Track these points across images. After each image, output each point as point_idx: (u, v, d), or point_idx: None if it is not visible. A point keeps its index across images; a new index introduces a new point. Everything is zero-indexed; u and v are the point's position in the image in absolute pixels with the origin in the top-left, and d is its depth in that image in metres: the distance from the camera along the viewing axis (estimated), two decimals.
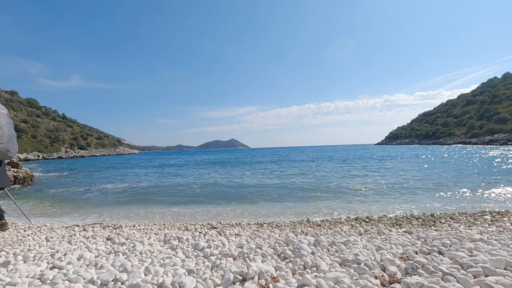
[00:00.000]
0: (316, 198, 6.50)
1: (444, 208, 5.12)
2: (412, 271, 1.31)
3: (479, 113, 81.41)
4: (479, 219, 3.56)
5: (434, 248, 1.61)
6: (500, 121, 65.53)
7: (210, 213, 5.28)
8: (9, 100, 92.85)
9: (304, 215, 4.82)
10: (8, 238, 2.67)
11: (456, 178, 9.62)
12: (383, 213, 4.67)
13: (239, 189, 8.46)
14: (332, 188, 7.93)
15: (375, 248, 1.73)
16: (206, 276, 1.30)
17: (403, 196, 6.39)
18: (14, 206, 6.69)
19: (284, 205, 5.87)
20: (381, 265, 1.41)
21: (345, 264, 1.45)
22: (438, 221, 3.65)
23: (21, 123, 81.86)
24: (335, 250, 1.73)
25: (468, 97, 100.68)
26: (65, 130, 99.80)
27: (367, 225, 3.44)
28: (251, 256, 1.59)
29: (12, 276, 1.38)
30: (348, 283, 1.18)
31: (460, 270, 1.27)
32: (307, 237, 2.04)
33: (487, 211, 4.33)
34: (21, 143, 66.96)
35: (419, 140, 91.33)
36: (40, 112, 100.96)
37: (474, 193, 6.48)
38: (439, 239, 1.84)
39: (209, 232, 2.63)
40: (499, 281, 1.14)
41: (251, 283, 1.23)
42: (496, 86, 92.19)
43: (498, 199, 5.75)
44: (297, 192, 7.43)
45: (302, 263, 1.47)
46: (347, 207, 5.55)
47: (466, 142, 62.92)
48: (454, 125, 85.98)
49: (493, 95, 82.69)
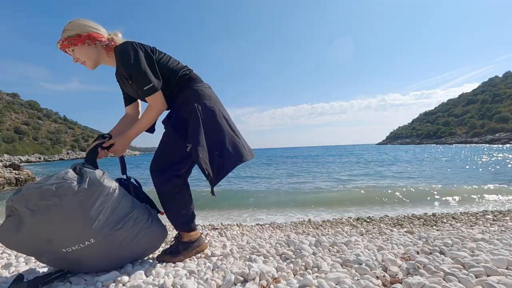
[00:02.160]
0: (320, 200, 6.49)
1: (445, 208, 5.11)
2: (413, 271, 1.31)
3: (480, 112, 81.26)
4: (481, 219, 3.55)
5: (436, 248, 1.61)
6: (501, 120, 65.35)
7: (210, 214, 5.29)
8: (11, 102, 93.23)
9: (305, 216, 4.82)
10: None
11: (461, 177, 9.61)
12: (384, 213, 4.66)
13: (240, 189, 8.46)
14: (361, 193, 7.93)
15: (377, 248, 1.72)
16: (207, 277, 1.30)
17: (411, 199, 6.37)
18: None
19: (284, 206, 5.87)
20: (383, 265, 1.41)
21: (346, 264, 1.45)
22: (439, 221, 3.64)
23: (23, 125, 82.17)
24: (336, 251, 1.73)
25: (469, 96, 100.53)
26: (66, 132, 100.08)
27: (368, 225, 3.44)
28: (252, 257, 1.59)
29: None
30: (349, 284, 1.18)
31: (462, 270, 1.27)
32: (308, 237, 2.04)
33: (489, 210, 4.32)
34: (22, 145, 67.16)
35: (420, 140, 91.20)
36: (41, 114, 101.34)
37: (477, 193, 6.46)
38: (440, 239, 1.84)
39: (210, 233, 2.63)
40: (501, 280, 1.13)
41: (252, 284, 1.23)
42: (497, 85, 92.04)
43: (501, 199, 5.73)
44: (300, 194, 7.43)
45: (303, 264, 1.47)
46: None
47: (468, 142, 62.77)
48: (455, 124, 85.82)
49: (494, 94, 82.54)
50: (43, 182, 1.17)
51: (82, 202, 1.17)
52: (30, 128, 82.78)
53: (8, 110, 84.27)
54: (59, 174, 1.21)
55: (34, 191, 1.14)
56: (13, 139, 67.54)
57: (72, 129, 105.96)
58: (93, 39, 1.36)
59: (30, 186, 1.17)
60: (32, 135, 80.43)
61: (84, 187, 1.17)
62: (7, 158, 47.45)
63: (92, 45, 1.38)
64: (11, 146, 61.91)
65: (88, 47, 1.38)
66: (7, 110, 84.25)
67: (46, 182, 1.16)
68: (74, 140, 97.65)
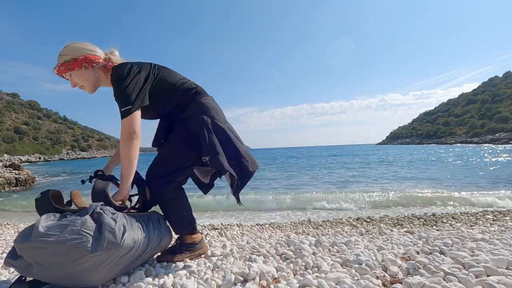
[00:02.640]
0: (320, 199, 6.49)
1: (446, 208, 5.11)
2: (413, 271, 1.31)
3: (480, 112, 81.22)
4: (481, 219, 3.55)
5: (436, 248, 1.61)
6: (501, 120, 65.33)
7: (210, 214, 5.29)
8: (11, 102, 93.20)
9: (305, 216, 4.82)
10: (10, 240, 2.68)
11: (463, 178, 9.61)
12: (384, 213, 4.66)
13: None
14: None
15: (377, 248, 1.72)
16: (207, 277, 1.30)
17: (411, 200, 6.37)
18: (8, 207, 6.71)
19: (284, 206, 5.87)
20: (383, 265, 1.41)
21: (346, 264, 1.45)
22: (439, 220, 3.64)
23: (23, 125, 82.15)
24: (336, 251, 1.73)
25: (469, 96, 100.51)
26: (66, 132, 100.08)
27: (368, 225, 3.44)
28: (252, 257, 1.59)
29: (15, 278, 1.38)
30: (349, 284, 1.18)
31: (462, 270, 1.27)
32: (308, 237, 2.04)
33: (489, 210, 4.32)
34: (22, 145, 67.17)
35: (420, 140, 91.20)
36: (41, 114, 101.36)
37: (479, 192, 6.47)
38: (440, 239, 1.84)
39: (210, 233, 2.63)
40: (501, 280, 1.13)
41: (252, 284, 1.23)
42: (497, 85, 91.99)
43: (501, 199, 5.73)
44: (300, 194, 7.42)
45: (303, 264, 1.47)
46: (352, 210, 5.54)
47: (468, 142, 62.77)
48: (455, 124, 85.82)
49: (494, 94, 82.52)
50: (57, 233, 1.03)
51: (97, 262, 1.07)
52: (30, 128, 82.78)
53: (8, 110, 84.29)
54: (75, 223, 1.07)
55: (45, 245, 1.01)
56: (13, 139, 67.58)
57: (72, 129, 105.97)
58: (90, 61, 1.33)
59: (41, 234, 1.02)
60: (32, 135, 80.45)
61: (101, 250, 1.05)
62: (7, 158, 47.47)
63: (89, 68, 1.35)
64: (11, 146, 61.94)
65: (85, 70, 1.35)
66: (7, 110, 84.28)
67: (60, 234, 1.03)
68: (74, 140, 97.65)
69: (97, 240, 1.06)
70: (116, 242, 1.10)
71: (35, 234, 1.03)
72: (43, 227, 1.04)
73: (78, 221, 1.08)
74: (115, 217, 1.17)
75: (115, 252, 1.11)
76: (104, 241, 1.07)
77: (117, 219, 1.17)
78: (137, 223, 1.28)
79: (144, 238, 1.26)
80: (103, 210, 1.16)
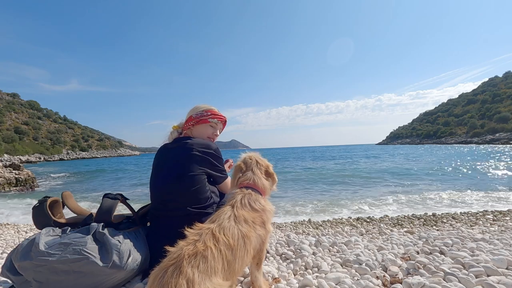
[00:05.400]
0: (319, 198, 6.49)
1: (446, 208, 5.11)
2: (413, 271, 1.31)
3: (480, 112, 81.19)
4: (481, 219, 3.55)
5: (436, 248, 1.61)
6: (501, 120, 65.31)
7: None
8: (11, 102, 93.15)
9: (305, 216, 4.82)
10: (10, 240, 2.68)
11: (464, 178, 9.61)
12: (384, 213, 4.66)
13: None
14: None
15: (377, 248, 1.72)
16: None
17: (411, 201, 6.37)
18: (8, 207, 6.71)
19: (284, 206, 5.86)
20: (383, 265, 1.41)
21: (346, 264, 1.45)
22: (439, 221, 3.64)
23: (23, 125, 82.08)
24: (336, 251, 1.73)
25: (469, 96, 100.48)
26: (66, 132, 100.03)
27: (368, 225, 3.44)
28: None
29: None
30: (349, 284, 1.18)
31: (462, 270, 1.27)
32: (308, 237, 2.04)
33: (489, 211, 4.32)
34: (22, 145, 67.11)
35: (420, 140, 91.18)
36: (41, 114, 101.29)
37: (479, 192, 6.46)
38: (440, 239, 1.84)
39: None
40: (501, 280, 1.13)
41: None
42: (497, 85, 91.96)
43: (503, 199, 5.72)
44: (300, 194, 7.42)
45: (304, 264, 1.47)
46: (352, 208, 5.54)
47: (468, 142, 62.74)
48: (455, 124, 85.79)
49: (494, 94, 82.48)
50: (58, 252, 1.01)
51: (96, 282, 1.06)
52: (30, 128, 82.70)
53: (8, 110, 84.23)
54: (77, 242, 1.05)
55: (46, 265, 0.99)
56: (13, 139, 67.54)
57: (72, 129, 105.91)
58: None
59: (42, 253, 0.98)
60: (32, 135, 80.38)
61: (105, 269, 1.05)
62: (7, 158, 47.48)
63: None
64: (11, 146, 61.90)
65: None
66: (7, 110, 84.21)
67: (62, 254, 1.00)
68: (74, 140, 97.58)
69: (104, 259, 1.06)
70: (119, 265, 1.10)
71: (36, 252, 1.00)
72: (43, 245, 1.02)
73: (80, 241, 1.06)
74: (119, 238, 1.17)
75: (118, 275, 1.11)
76: (109, 263, 1.07)
77: (122, 241, 1.16)
78: (137, 241, 1.27)
79: (143, 259, 1.25)
80: (106, 231, 1.15)
